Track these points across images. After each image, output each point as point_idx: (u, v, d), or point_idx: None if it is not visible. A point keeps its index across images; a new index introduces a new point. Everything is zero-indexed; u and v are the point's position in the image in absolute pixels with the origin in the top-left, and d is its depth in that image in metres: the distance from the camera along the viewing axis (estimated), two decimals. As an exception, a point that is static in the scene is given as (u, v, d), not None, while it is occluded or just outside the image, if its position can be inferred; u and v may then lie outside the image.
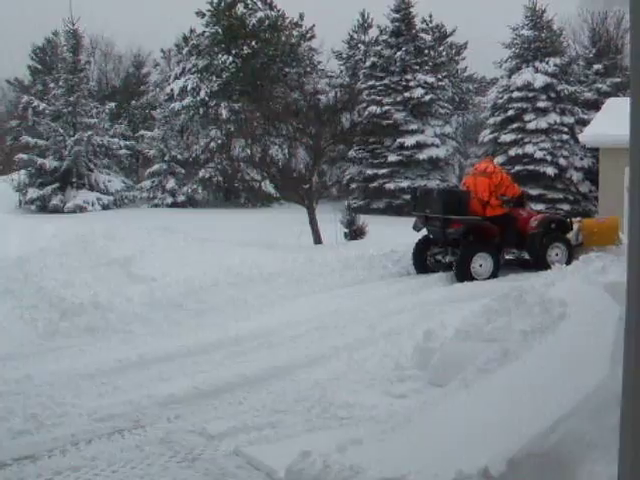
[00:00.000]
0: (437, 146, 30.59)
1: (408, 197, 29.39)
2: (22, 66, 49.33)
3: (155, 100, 35.85)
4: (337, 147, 22.87)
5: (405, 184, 29.63)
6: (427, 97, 30.84)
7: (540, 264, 12.71)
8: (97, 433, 5.71)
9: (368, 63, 32.77)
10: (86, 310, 9.54)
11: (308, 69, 33.84)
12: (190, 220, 19.87)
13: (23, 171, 28.55)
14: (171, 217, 20.65)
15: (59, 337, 8.95)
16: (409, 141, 30.14)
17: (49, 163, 27.53)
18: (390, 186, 29.77)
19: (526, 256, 13.43)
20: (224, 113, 29.62)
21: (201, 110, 31.10)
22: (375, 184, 30.27)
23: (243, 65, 31.56)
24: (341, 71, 36.69)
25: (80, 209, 26.26)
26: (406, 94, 30.74)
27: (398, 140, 30.27)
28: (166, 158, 28.84)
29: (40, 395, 6.47)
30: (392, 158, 30.12)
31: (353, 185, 31.53)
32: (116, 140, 30.00)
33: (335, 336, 8.48)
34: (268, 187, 26.17)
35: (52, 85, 31.28)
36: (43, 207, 26.87)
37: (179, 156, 29.18)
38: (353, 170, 31.23)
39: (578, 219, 14.71)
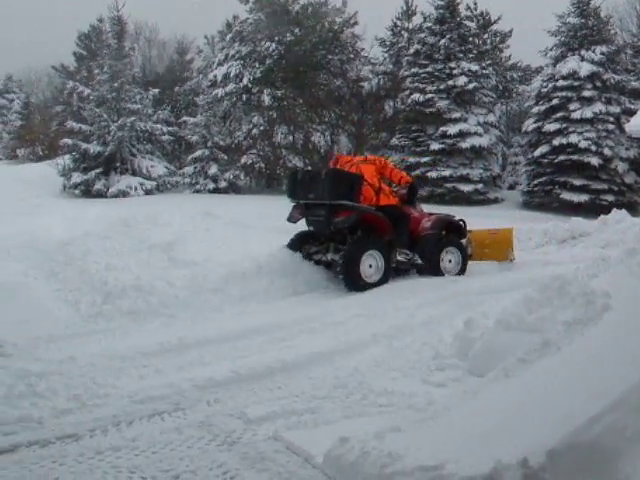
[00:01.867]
0: (480, 135, 30.27)
1: (450, 186, 29.39)
2: (67, 52, 49.95)
3: (198, 86, 35.99)
4: (379, 135, 22.80)
5: (447, 173, 29.42)
6: (471, 85, 30.51)
7: (433, 269, 11.64)
8: (137, 415, 5.79)
9: (412, 50, 32.50)
10: (128, 293, 9.66)
11: (351, 56, 33.67)
12: (232, 206, 19.91)
13: (68, 156, 28.82)
14: (213, 203, 20.69)
15: (102, 319, 9.09)
16: (452, 129, 29.87)
17: (93, 148, 27.78)
18: (432, 174, 29.56)
19: (418, 260, 11.74)
20: (267, 100, 29.64)
21: (244, 97, 31.14)
22: (417, 172, 30.07)
23: (286, 52, 31.52)
24: (384, 58, 36.45)
25: (123, 194, 26.47)
26: (449, 82, 30.44)
27: (441, 128, 30.02)
28: (208, 144, 28.93)
29: (83, 376, 6.58)
30: (434, 146, 29.89)
31: (395, 173, 31.41)
32: (159, 126, 30.16)
33: (374, 323, 8.49)
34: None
35: (97, 71, 31.52)
36: (87, 191, 27.12)
37: (221, 142, 29.27)
38: (395, 158, 31.04)
39: (468, 230, 12.98)
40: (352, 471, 4.35)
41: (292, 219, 11.63)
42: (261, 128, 28.60)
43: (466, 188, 29.43)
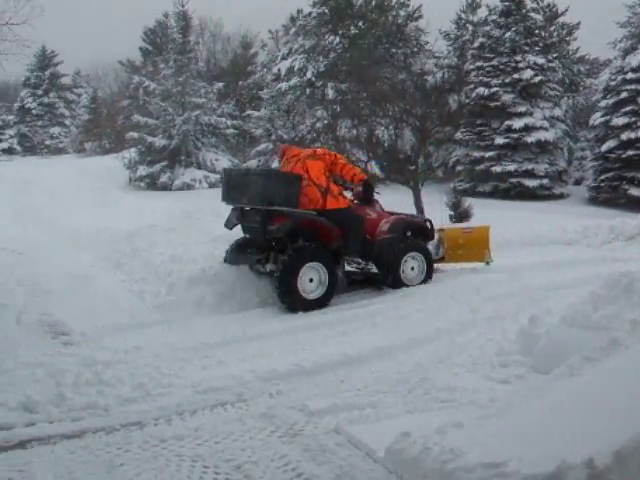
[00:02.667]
0: (546, 129, 29.78)
1: (515, 180, 29.01)
2: (134, 47, 50.65)
3: (262, 80, 36.18)
4: (444, 129, 22.58)
5: (512, 167, 29.04)
6: (536, 79, 30.03)
7: (391, 280, 10.31)
8: (201, 405, 5.88)
9: (476, 44, 32.13)
10: (192, 285, 9.78)
11: (415, 49, 33.48)
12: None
13: (133, 149, 29.25)
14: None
15: (166, 310, 9.22)
16: (517, 124, 29.46)
17: (158, 141, 28.13)
18: (497, 169, 29.20)
19: (374, 269, 10.33)
20: (330, 93, 29.65)
21: (307, 90, 31.21)
22: (482, 167, 29.75)
23: (350, 46, 31.48)
24: (448, 52, 36.13)
25: (187, 187, 26.75)
26: (515, 75, 30.01)
27: (506, 122, 29.63)
28: (272, 137, 29.06)
29: (147, 365, 6.70)
30: (499, 141, 29.52)
31: (459, 167, 31.08)
32: (223, 119, 30.38)
33: (438, 318, 8.44)
34: (374, 168, 26.10)
35: (162, 65, 31.91)
36: (152, 184, 27.49)
37: (285, 136, 29.36)
38: (459, 152, 30.76)
39: (440, 228, 11.85)
40: (413, 466, 4.34)
41: (228, 224, 10.22)
42: (325, 122, 28.58)
43: (531, 183, 29.01)
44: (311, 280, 9.44)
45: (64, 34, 62.63)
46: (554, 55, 33.39)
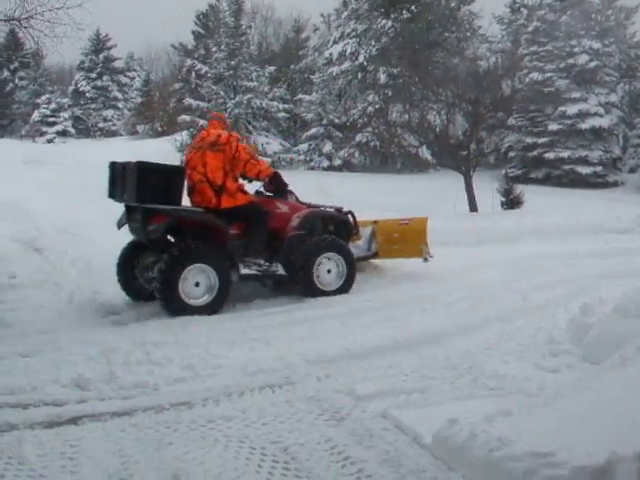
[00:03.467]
0: (601, 115, 29.34)
1: (568, 167, 28.60)
2: (186, 31, 51.02)
3: (314, 64, 36.15)
4: (496, 114, 22.35)
5: (565, 154, 28.69)
6: (592, 64, 29.59)
7: (303, 285, 9.01)
8: (249, 386, 5.91)
9: (531, 28, 31.75)
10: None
11: (468, 34, 33.15)
12: (346, 184, 20.01)
13: (185, 132, 29.51)
14: (327, 180, 20.85)
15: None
16: (571, 110, 29.07)
17: (210, 124, 28.37)
18: (550, 156, 28.88)
19: (280, 271, 9.00)
20: (382, 78, 29.53)
21: (359, 74, 31.13)
22: (534, 153, 29.44)
23: (402, 30, 31.27)
24: (502, 36, 35.73)
25: (239, 170, 26.97)
26: (570, 60, 29.61)
27: (559, 108, 29.25)
28: (323, 122, 29.09)
29: (196, 346, 6.76)
30: (552, 127, 29.17)
31: (511, 153, 30.81)
32: (275, 103, 30.48)
33: (487, 306, 8.38)
34: (425, 153, 25.99)
35: (214, 49, 32.10)
36: (204, 167, 27.73)
37: (336, 120, 29.36)
38: (512, 138, 30.48)
39: (373, 220, 10.58)
40: (460, 453, 4.33)
41: (119, 224, 9.09)
42: (376, 106, 28.52)
43: (584, 170, 28.63)
44: (197, 284, 8.25)
45: (118, 18, 63.24)
46: (611, 39, 32.78)
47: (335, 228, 9.63)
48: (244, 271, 8.79)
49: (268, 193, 9.54)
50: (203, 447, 4.74)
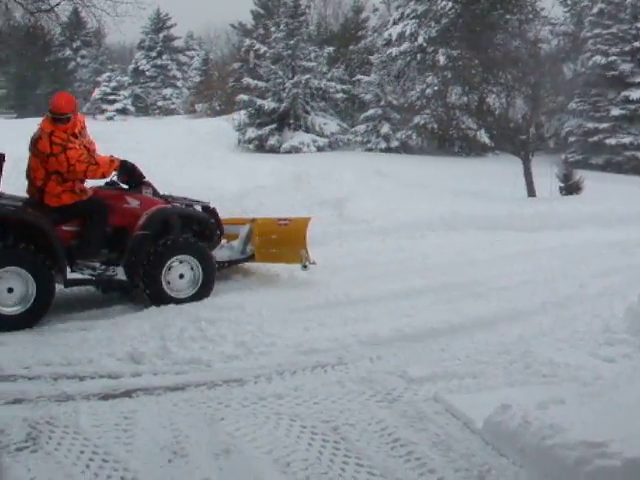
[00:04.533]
0: (666, 101, 28.67)
1: (629, 154, 28.01)
2: (245, 11, 51.20)
3: (373, 45, 35.94)
4: (557, 98, 21.97)
5: (627, 140, 28.09)
6: (659, 47, 28.91)
7: (149, 292, 7.73)
8: (301, 365, 5.96)
9: (595, 10, 31.04)
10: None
11: (530, 16, 32.57)
12: (403, 166, 19.91)
13: (243, 111, 29.66)
14: (384, 162, 20.76)
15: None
16: (635, 94, 28.42)
17: (268, 104, 28.43)
18: (611, 141, 28.31)
19: (120, 276, 7.76)
20: (441, 60, 29.24)
21: (418, 56, 30.87)
22: (595, 139, 28.90)
23: (463, 11, 30.89)
24: (565, 18, 35.07)
25: (295, 150, 26.98)
26: (635, 44, 28.92)
27: (623, 93, 28.64)
28: (381, 103, 28.93)
29: (250, 324, 6.81)
30: (615, 112, 28.57)
31: (571, 138, 30.28)
32: (333, 84, 30.43)
33: (543, 292, 8.26)
34: (483, 136, 25.69)
35: (273, 29, 32.13)
36: (260, 146, 27.85)
37: (394, 101, 29.19)
38: (572, 123, 29.94)
39: (252, 218, 9.17)
40: (512, 439, 4.30)
41: None
42: (435, 88, 28.27)
43: (647, 157, 28.02)
44: (10, 290, 7.05)
45: (179, -4, 63.70)
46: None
47: (184, 227, 8.26)
48: (73, 276, 7.54)
49: (123, 185, 8.18)
50: (254, 424, 4.80)
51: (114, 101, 54.46)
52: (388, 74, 29.97)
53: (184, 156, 17.62)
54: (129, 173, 8.05)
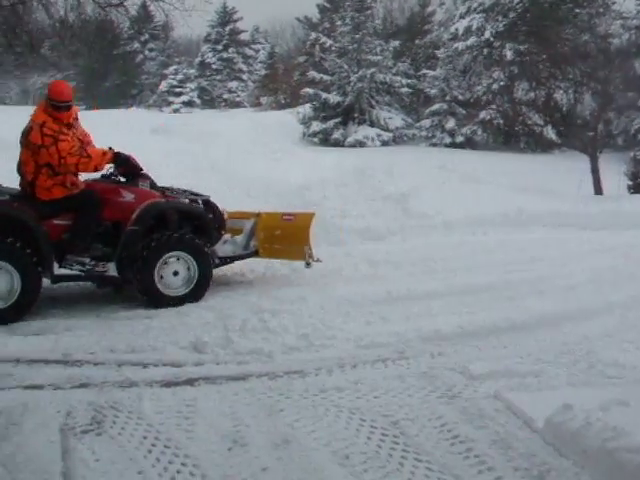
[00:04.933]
0: None
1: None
2: (311, 4, 51.28)
3: (439, 39, 35.68)
4: (627, 94, 21.55)
5: (701, 138, 27.35)
6: None
7: (140, 289, 7.53)
8: (362, 359, 5.97)
9: (671, 2, 30.32)
10: (359, 240, 9.91)
11: (600, 9, 31.94)
12: (467, 161, 19.73)
13: (308, 105, 29.76)
14: (449, 157, 20.61)
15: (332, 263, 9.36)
16: None
17: (333, 98, 28.47)
18: (684, 140, 27.60)
19: (110, 272, 7.49)
20: (508, 54, 28.88)
21: (485, 51, 30.53)
22: (666, 139, 28.21)
23: (531, 5, 30.43)
24: (638, 12, 34.28)
25: (360, 144, 26.96)
26: None
27: (697, 89, 27.90)
28: (447, 98, 28.74)
29: (312, 317, 6.84)
30: (688, 109, 27.85)
31: (641, 135, 29.64)
32: (398, 78, 30.31)
33: (610, 291, 8.11)
34: (550, 133, 25.33)
35: (339, 23, 32.13)
36: (325, 140, 27.91)
37: (460, 96, 28.96)
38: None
39: (257, 212, 8.76)
40: (573, 440, 4.25)
41: None
42: (501, 83, 27.96)
43: None
44: None
45: (245, -10, 64.20)
46: None
47: (180, 222, 7.90)
48: (60, 271, 7.35)
49: (121, 178, 7.91)
50: (314, 416, 4.82)
51: (180, 94, 55.17)
52: (454, 69, 29.72)
53: (249, 149, 17.74)
54: (123, 165, 7.71)
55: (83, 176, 7.84)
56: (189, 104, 54.77)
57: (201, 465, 4.16)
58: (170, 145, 16.43)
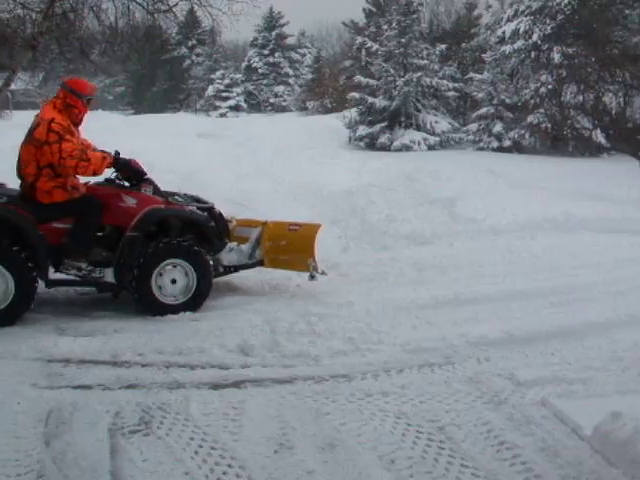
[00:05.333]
0: None
1: None
2: (357, 8, 51.41)
3: (485, 43, 35.39)
4: (680, 98, 21.23)
5: None
6: None
7: (137, 296, 7.44)
8: (408, 363, 5.97)
9: None
10: (405, 245, 9.89)
11: (652, 11, 31.44)
12: (515, 165, 19.54)
13: (354, 109, 29.70)
14: (496, 161, 20.44)
15: (379, 268, 9.36)
16: None
17: (379, 102, 28.38)
18: None
19: (107, 278, 7.45)
20: (556, 57, 28.51)
21: (532, 54, 30.20)
22: None
23: (579, 6, 30.02)
24: (691, 14, 33.67)
25: (406, 148, 26.81)
26: None
27: None
28: (494, 102, 28.44)
29: (358, 321, 6.87)
30: None
31: (693, 139, 29.12)
32: (445, 82, 30.10)
33: (661, 298, 7.99)
34: (599, 137, 24.99)
35: (385, 27, 32.07)
36: (371, 144, 27.82)
37: (507, 100, 28.67)
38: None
39: (263, 221, 8.59)
40: (623, 449, 4.20)
41: None
42: (549, 87, 27.65)
43: None
44: None
45: (291, -5, 64.53)
46: None
47: (181, 229, 7.84)
48: (56, 276, 7.35)
49: (125, 182, 7.78)
50: (359, 420, 4.84)
51: (227, 98, 55.55)
52: (501, 72, 29.43)
53: (295, 153, 17.82)
54: (124, 170, 7.61)
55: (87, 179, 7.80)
56: (236, 108, 55.12)
57: (247, 467, 4.21)
58: (216, 149, 16.58)
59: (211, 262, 7.82)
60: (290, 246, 8.17)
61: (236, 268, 8.25)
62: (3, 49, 13.44)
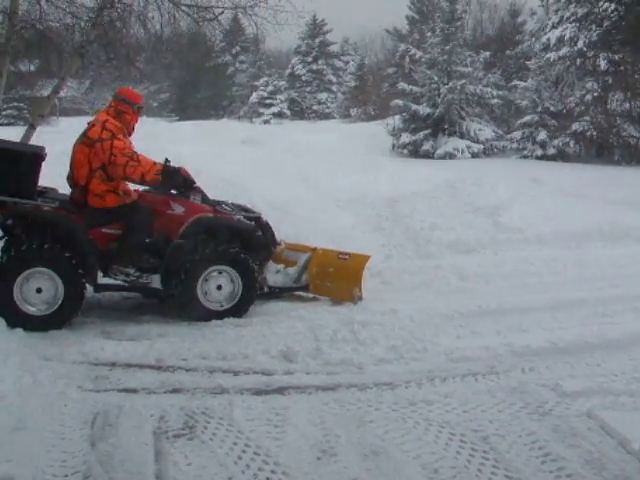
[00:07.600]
0: None
1: None
2: (400, 16, 51.42)
3: (530, 50, 35.14)
4: None
5: None
6: None
7: (182, 301, 7.48)
8: (452, 373, 5.95)
9: None
10: (449, 254, 9.85)
11: (702, 17, 30.95)
12: (559, 174, 19.38)
13: (398, 116, 29.70)
14: (540, 169, 20.28)
15: (423, 276, 9.32)
16: None
17: (422, 110, 28.36)
18: None
19: (154, 284, 7.54)
20: (602, 64, 28.22)
21: (578, 61, 29.91)
22: None
23: (626, 13, 29.69)
24: None
25: (449, 156, 26.75)
26: None
27: None
28: (538, 109, 28.24)
29: (402, 329, 6.85)
30: None
31: None
32: (489, 89, 29.96)
33: None
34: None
35: (428, 34, 32.09)
36: (414, 152, 27.80)
37: (552, 108, 28.44)
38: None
39: (313, 247, 8.69)
40: (671, 464, 4.14)
41: None
42: (595, 94, 27.37)
43: None
44: (39, 291, 6.98)
45: (334, 3, 64.71)
46: None
47: (229, 238, 7.77)
48: (104, 281, 7.42)
49: (173, 191, 7.73)
50: (403, 428, 4.84)
51: (270, 105, 55.91)
52: (546, 79, 29.22)
53: (338, 160, 17.83)
54: (172, 178, 7.43)
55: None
56: (279, 115, 55.44)
57: (290, 473, 4.23)
58: (259, 155, 16.66)
59: (256, 270, 7.83)
60: (338, 274, 8.23)
61: (281, 290, 8.29)
62: (53, 57, 13.72)
